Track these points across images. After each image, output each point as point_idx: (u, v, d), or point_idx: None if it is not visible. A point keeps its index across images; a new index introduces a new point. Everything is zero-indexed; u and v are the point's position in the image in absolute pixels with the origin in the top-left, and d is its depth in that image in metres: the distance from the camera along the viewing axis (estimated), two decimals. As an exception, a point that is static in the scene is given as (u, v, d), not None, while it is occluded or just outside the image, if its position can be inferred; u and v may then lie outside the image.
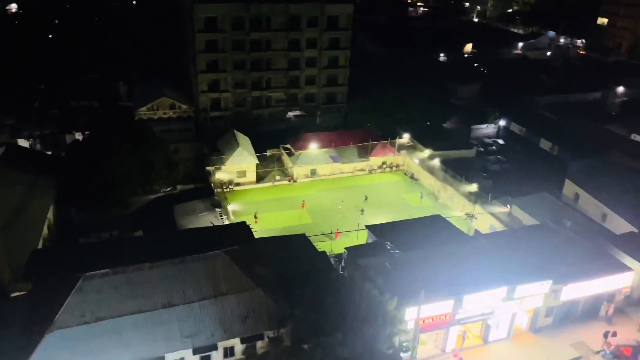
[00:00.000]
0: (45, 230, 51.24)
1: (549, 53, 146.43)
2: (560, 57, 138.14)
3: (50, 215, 54.13)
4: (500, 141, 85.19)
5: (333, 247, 55.16)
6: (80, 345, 32.92)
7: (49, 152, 75.28)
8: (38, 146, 77.20)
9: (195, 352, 35.58)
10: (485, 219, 61.86)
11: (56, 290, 35.00)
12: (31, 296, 36.71)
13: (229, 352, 36.70)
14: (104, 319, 33.80)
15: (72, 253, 42.54)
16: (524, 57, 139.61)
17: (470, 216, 62.36)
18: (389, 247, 44.96)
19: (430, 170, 72.98)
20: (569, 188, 64.17)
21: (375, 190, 71.91)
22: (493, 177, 71.28)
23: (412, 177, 75.89)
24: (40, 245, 48.41)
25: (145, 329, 34.44)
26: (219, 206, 59.76)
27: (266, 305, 36.69)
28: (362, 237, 54.38)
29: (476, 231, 58.01)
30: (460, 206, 65.56)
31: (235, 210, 64.34)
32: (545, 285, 42.92)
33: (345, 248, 48.08)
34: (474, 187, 65.59)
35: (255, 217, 61.67)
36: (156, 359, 34.77)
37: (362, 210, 64.15)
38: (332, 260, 49.16)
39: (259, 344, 36.58)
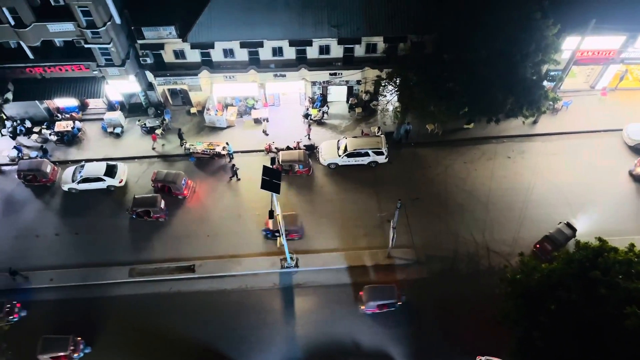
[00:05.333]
0: None
1: None
2: None
3: None
4: None
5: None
6: (240, 15, 35.67)
7: None
8: None
9: (340, 42, 37.20)
10: None
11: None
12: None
13: (371, 48, 37.85)
14: (260, -5, 35.41)
15: None
16: None
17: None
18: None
19: None
20: None
21: None
22: None
23: None
24: None
25: (297, 11, 35.80)
26: None
27: (415, 9, 35.39)
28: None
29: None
30: None
31: None
32: None
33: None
34: None
35: None
36: (304, 42, 37.27)
37: None
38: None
39: (401, 45, 36.95)
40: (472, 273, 33.20)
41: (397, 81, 35.64)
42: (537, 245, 33.63)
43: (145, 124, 41.15)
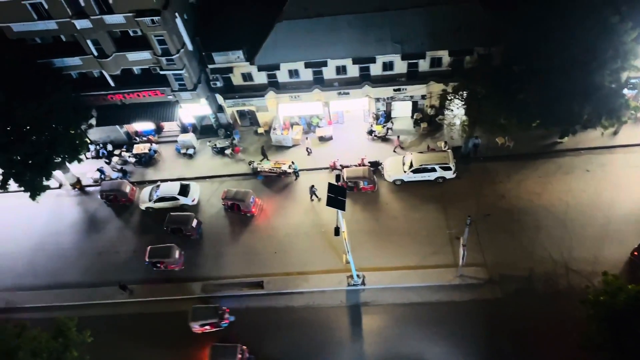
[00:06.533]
0: None
1: None
2: None
3: None
4: None
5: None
6: (304, 36, 36.51)
7: None
8: None
9: (403, 58, 37.03)
10: None
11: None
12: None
13: (436, 62, 37.36)
14: (323, 15, 35.98)
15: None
16: None
17: None
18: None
19: None
20: None
21: None
22: None
23: None
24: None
25: (360, 30, 36.08)
26: None
27: (482, 20, 34.61)
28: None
29: None
30: None
31: None
32: None
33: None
34: None
35: None
36: (367, 59, 37.44)
37: None
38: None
39: (467, 58, 36.19)
40: (550, 294, 31.35)
41: (464, 94, 34.87)
42: (635, 253, 31.35)
43: (215, 144, 42.78)
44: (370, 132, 41.62)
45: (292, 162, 40.15)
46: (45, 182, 37.39)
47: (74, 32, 35.73)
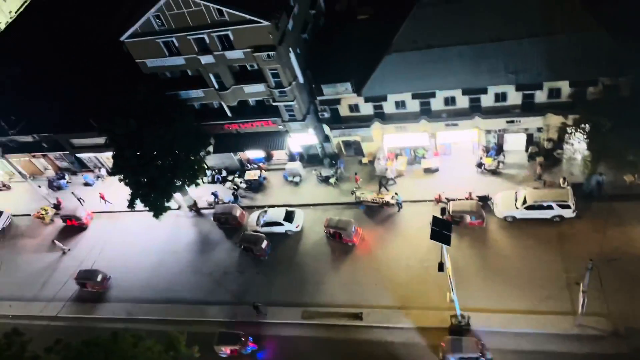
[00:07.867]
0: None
1: None
2: None
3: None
4: None
5: None
6: (413, 68, 36.41)
7: None
8: None
9: (518, 88, 35.38)
10: None
11: (394, 15, 37.75)
12: (373, 20, 40.89)
13: (555, 93, 35.17)
14: (433, 46, 35.69)
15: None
16: None
17: None
18: None
19: None
20: None
21: None
22: None
23: None
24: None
25: (471, 60, 35.20)
26: None
27: (607, 49, 32.07)
28: None
29: None
30: None
31: None
32: None
33: None
34: None
35: None
36: (479, 90, 36.28)
37: None
38: None
39: (590, 89, 33.62)
40: (689, 355, 27.35)
41: (587, 127, 32.33)
42: None
43: (320, 173, 43.73)
44: (480, 165, 39.96)
45: (396, 193, 39.68)
46: (166, 203, 40.63)
47: (198, 67, 39.01)
